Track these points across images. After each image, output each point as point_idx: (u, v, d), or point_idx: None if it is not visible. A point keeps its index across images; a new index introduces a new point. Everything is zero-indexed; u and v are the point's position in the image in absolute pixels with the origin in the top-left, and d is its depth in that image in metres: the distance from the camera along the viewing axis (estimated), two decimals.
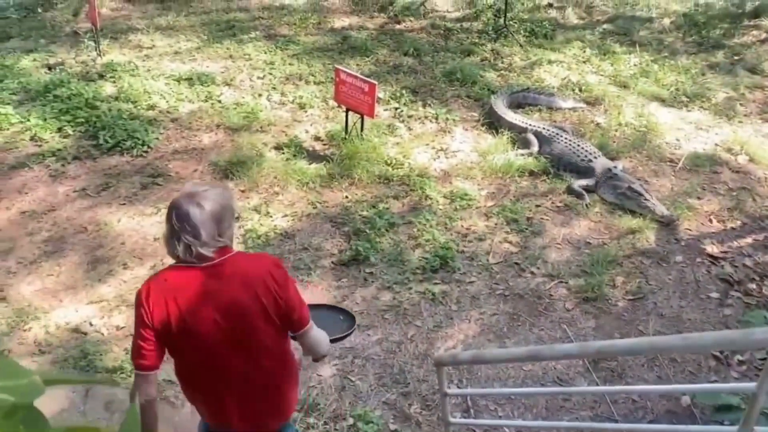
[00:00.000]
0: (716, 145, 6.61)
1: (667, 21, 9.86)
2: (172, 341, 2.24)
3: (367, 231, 5.26)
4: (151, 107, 6.85)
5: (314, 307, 3.14)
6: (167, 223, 2.17)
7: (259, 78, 7.68)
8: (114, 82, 7.27)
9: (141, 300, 2.20)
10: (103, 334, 4.26)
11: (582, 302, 4.61)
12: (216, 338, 2.21)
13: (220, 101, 7.11)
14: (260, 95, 7.29)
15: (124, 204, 5.52)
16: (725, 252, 5.14)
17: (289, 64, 8.07)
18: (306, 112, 7.08)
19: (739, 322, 4.27)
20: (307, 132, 6.70)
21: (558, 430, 3.69)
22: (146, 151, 6.19)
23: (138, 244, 5.07)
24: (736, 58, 8.71)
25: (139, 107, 6.80)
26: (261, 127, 6.68)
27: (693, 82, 7.93)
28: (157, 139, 6.37)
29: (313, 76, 7.77)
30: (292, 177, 5.90)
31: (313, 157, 6.27)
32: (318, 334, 2.39)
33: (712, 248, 5.16)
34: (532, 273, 4.94)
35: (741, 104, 7.53)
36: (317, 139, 6.61)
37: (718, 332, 1.68)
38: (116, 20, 9.33)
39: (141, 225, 5.28)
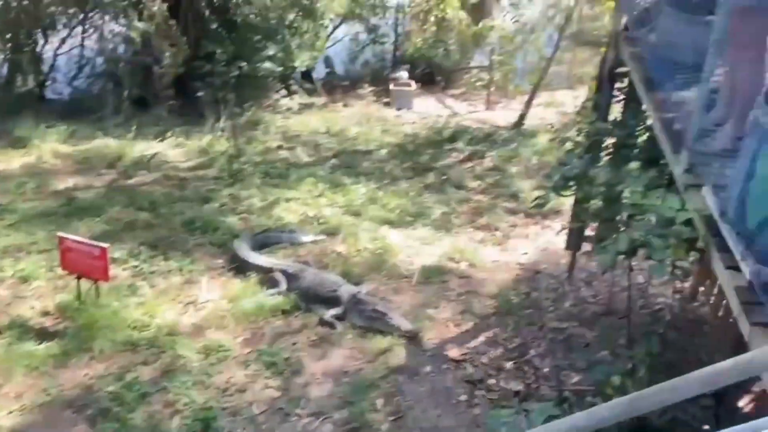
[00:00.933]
0: (440, 256, 7.43)
1: (384, 152, 11.09)
2: None
3: (116, 408, 4.79)
4: None
5: None
6: None
7: None
8: None
9: None
10: None
11: None
12: None
13: None
14: None
15: None
16: (465, 353, 5.68)
17: (6, 235, 7.30)
18: (30, 285, 6.40)
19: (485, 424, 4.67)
20: (33, 308, 6.03)
21: None
22: None
23: None
24: (443, 177, 10.04)
25: None
26: None
27: (413, 203, 8.93)
28: None
29: (35, 244, 7.11)
30: (18, 364, 5.19)
31: (43, 335, 5.62)
32: None
33: (454, 352, 5.67)
34: (297, 415, 4.90)
35: (455, 217, 8.65)
36: (46, 314, 5.97)
37: None
38: None
39: None
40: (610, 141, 5.66)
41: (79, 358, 5.37)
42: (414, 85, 13.56)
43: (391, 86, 13.52)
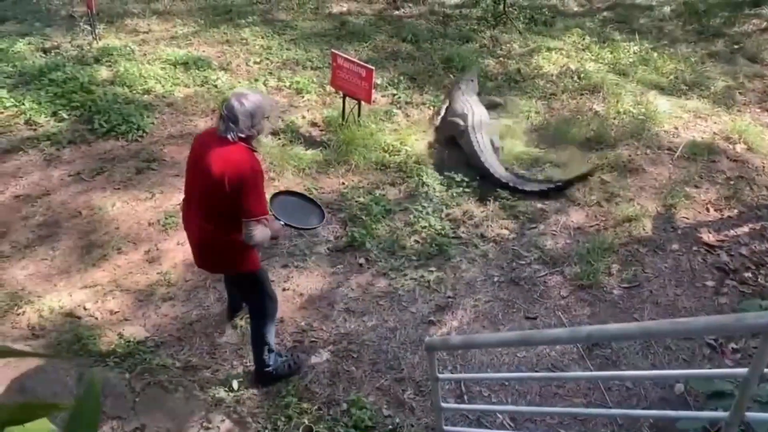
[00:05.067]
0: (714, 133, 6.57)
1: (667, 9, 9.80)
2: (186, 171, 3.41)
3: (363, 217, 5.25)
4: (147, 91, 6.81)
5: (292, 194, 4.00)
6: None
7: (255, 63, 7.63)
8: (110, 66, 7.21)
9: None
10: (96, 318, 4.24)
11: (577, 289, 4.60)
12: (195, 181, 3.30)
13: (215, 86, 7.06)
14: (256, 80, 7.25)
15: (118, 188, 5.49)
16: (721, 240, 5.12)
17: (287, 49, 8.01)
18: (303, 97, 7.03)
19: (734, 310, 4.26)
20: (303, 117, 6.66)
21: (550, 416, 3.69)
22: (141, 136, 6.16)
23: (132, 228, 5.05)
24: (735, 47, 8.66)
25: (134, 91, 6.76)
26: None
27: (692, 70, 7.88)
28: (152, 123, 6.34)
29: (310, 61, 7.72)
30: (289, 163, 5.87)
31: (310, 142, 6.24)
32: (253, 233, 3.17)
33: (709, 237, 5.14)
34: (527, 260, 4.92)
35: (740, 93, 7.49)
36: (314, 124, 6.58)
37: (709, 317, 1.67)
38: (112, 4, 9.25)
39: (135, 210, 5.25)
40: None
41: (337, 167, 5.89)
42: None
43: None
